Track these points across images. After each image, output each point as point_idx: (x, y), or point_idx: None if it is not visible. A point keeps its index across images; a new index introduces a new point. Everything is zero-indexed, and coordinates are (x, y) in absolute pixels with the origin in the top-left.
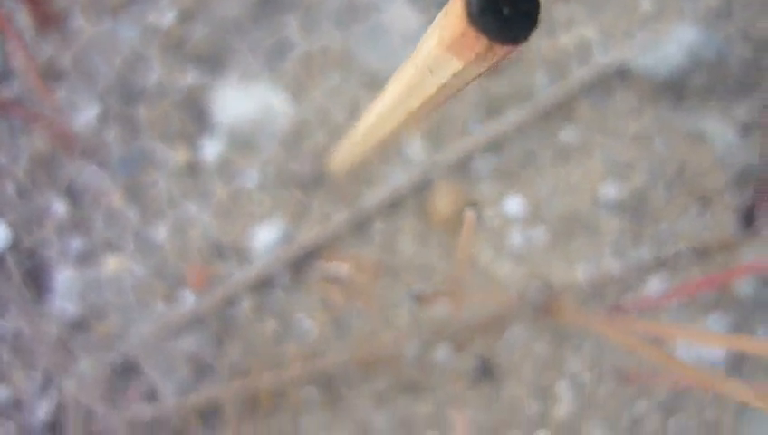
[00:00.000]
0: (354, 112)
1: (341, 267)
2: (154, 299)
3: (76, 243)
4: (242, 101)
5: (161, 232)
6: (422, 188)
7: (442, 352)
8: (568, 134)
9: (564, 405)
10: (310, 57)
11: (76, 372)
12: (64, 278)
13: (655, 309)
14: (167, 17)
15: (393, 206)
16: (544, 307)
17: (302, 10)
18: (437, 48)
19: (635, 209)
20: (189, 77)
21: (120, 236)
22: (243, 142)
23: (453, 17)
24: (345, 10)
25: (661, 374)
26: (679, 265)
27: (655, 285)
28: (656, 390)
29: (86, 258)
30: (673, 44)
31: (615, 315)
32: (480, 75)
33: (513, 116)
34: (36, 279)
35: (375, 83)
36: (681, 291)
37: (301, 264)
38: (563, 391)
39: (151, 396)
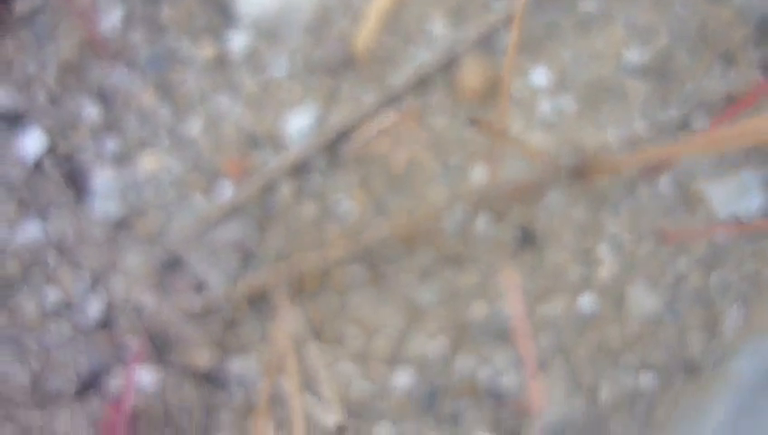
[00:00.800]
0: None
1: (386, 123)
2: (193, 193)
3: (111, 144)
4: None
5: (194, 127)
6: (449, 65)
7: (482, 223)
8: (588, 3)
9: (606, 267)
10: None
11: (123, 270)
12: (103, 179)
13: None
14: None
15: (422, 84)
16: (579, 170)
17: None
18: None
19: (659, 72)
20: None
21: (153, 135)
22: (268, 32)
23: None
24: None
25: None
26: (705, 122)
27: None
28: (695, 246)
29: (122, 159)
30: None
31: (648, 172)
32: None
33: None
34: (75, 182)
35: None
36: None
37: (336, 146)
38: (605, 253)
39: (199, 288)
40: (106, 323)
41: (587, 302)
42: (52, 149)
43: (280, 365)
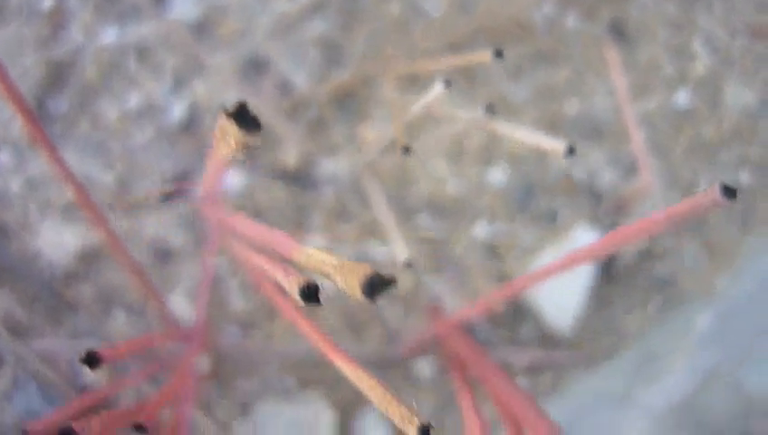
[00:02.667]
0: None
1: None
2: None
3: None
4: None
5: None
6: None
7: (572, 19)
8: None
9: (701, 62)
10: None
11: (206, 71)
12: None
13: None
14: None
15: None
16: None
17: None
18: None
19: None
20: None
21: None
22: None
23: None
24: None
25: None
26: None
27: None
28: None
29: None
30: None
31: None
32: None
33: None
34: None
35: None
36: None
37: None
38: (699, 48)
39: (285, 87)
40: (190, 125)
41: (682, 98)
42: None
43: (369, 166)
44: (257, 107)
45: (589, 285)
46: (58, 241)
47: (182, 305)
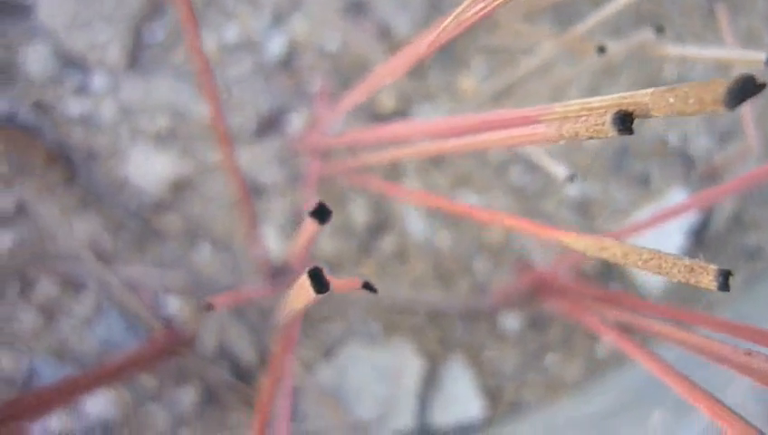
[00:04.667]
0: None
1: None
2: None
3: None
4: None
5: None
6: None
7: None
8: None
9: None
10: None
11: (305, 9)
12: None
13: None
14: None
15: None
16: None
17: None
18: None
19: None
20: None
21: None
22: None
23: None
24: None
25: None
26: None
27: None
28: None
29: None
30: None
31: None
32: None
33: None
34: None
35: None
36: None
37: None
38: None
39: (385, 31)
40: (287, 62)
41: None
42: None
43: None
44: (357, 44)
45: (679, 246)
46: (148, 169)
47: (271, 242)
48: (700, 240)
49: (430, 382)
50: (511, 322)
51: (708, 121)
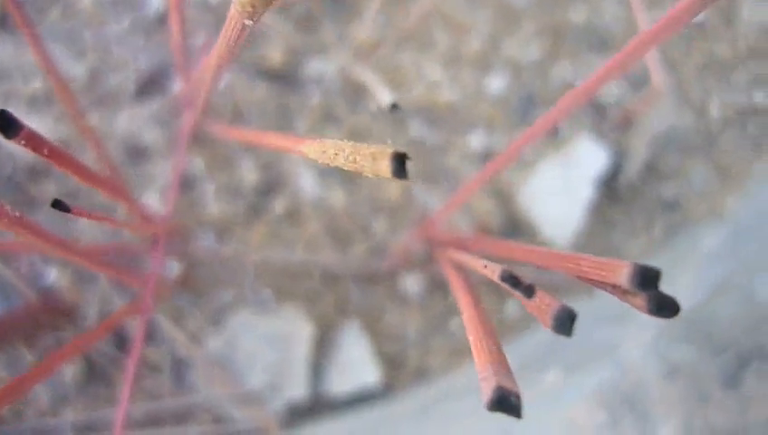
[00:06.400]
0: None
1: None
2: None
3: None
4: None
5: None
6: None
7: None
8: None
9: None
10: None
11: None
12: None
13: None
14: None
15: None
16: None
17: None
18: None
19: None
20: None
21: None
22: None
23: None
24: None
25: None
26: None
27: None
28: None
29: None
30: None
31: None
32: None
33: None
34: None
35: None
36: None
37: None
38: None
39: None
40: (168, 18)
41: None
42: None
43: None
44: None
45: (589, 197)
46: None
47: (155, 206)
48: (612, 192)
49: (325, 349)
50: (412, 284)
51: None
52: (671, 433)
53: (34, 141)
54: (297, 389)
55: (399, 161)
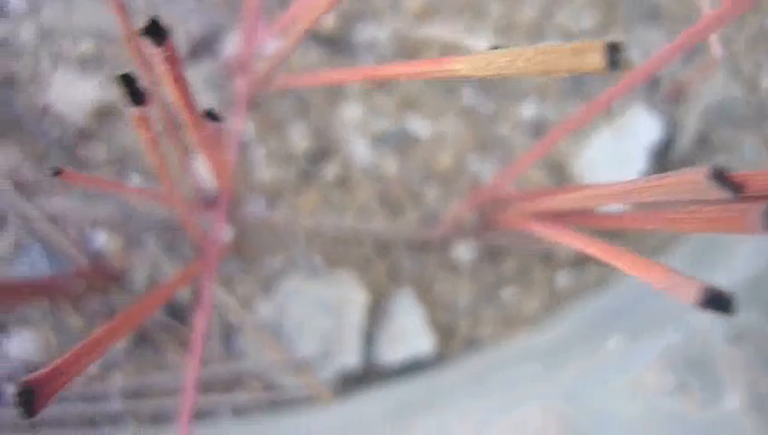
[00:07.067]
0: None
1: None
2: None
3: None
4: None
5: None
6: None
7: None
8: None
9: None
10: None
11: None
12: None
13: None
14: None
15: None
16: None
17: None
18: None
19: None
20: None
21: None
22: None
23: None
24: None
25: None
26: None
27: None
28: None
29: None
30: None
31: None
32: None
33: None
34: None
35: None
36: None
37: None
38: None
39: None
40: None
41: None
42: None
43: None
44: None
45: (642, 169)
46: (71, 95)
47: (204, 171)
48: (664, 164)
49: (377, 317)
50: (464, 253)
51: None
52: (738, 398)
53: (173, 60)
54: (349, 356)
55: (614, 52)
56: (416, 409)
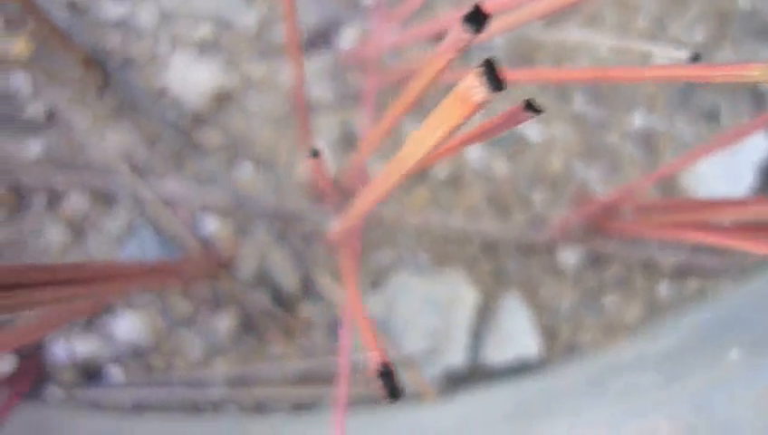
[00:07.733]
0: None
1: None
2: None
3: None
4: None
5: None
6: None
7: None
8: None
9: None
10: None
11: None
12: None
13: None
14: None
15: None
16: None
17: None
18: None
19: None
20: None
21: None
22: None
23: None
24: None
25: None
26: None
27: None
28: None
29: None
30: None
31: None
32: None
33: None
34: None
35: None
36: None
37: None
38: None
39: None
40: None
41: None
42: None
43: None
44: None
45: (751, 184)
46: (189, 79)
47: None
48: None
49: (485, 317)
50: (568, 257)
51: None
52: None
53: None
54: (455, 355)
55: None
56: (533, 410)
